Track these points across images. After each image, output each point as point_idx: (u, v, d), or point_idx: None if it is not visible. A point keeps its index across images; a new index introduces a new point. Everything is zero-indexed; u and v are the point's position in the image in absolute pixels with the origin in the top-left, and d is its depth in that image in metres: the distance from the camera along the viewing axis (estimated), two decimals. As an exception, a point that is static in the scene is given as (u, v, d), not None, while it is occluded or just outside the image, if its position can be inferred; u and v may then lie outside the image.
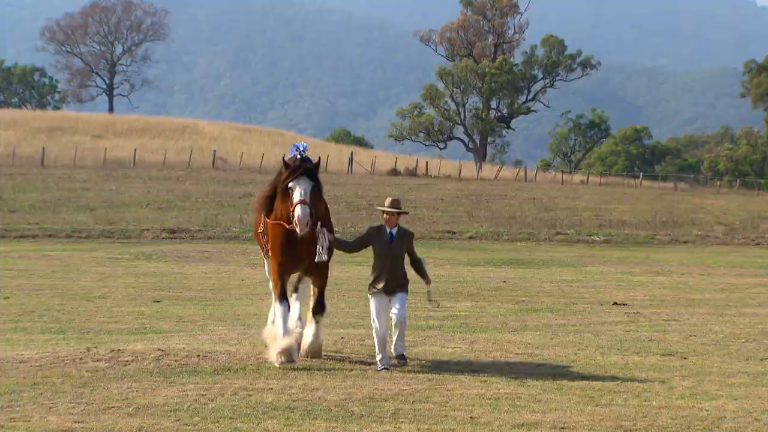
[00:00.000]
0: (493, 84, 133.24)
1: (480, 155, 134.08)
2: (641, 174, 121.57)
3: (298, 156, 17.27)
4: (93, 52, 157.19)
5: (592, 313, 26.30)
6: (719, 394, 15.76)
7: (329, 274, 18.19)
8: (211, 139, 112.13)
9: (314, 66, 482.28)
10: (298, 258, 17.28)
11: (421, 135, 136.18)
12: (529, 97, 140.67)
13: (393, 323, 17.33)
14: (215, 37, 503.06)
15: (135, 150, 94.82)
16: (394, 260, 17.37)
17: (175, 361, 17.36)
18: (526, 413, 14.05)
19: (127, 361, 17.23)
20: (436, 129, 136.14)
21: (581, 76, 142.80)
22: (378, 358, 17.25)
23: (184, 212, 65.93)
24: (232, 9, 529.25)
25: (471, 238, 60.24)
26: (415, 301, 23.11)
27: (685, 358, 19.01)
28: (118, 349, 18.11)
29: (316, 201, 17.01)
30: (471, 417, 13.86)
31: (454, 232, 62.24)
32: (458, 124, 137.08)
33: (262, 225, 18.00)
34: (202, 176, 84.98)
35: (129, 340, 19.82)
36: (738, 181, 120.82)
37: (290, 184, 16.87)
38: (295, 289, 18.51)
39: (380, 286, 17.26)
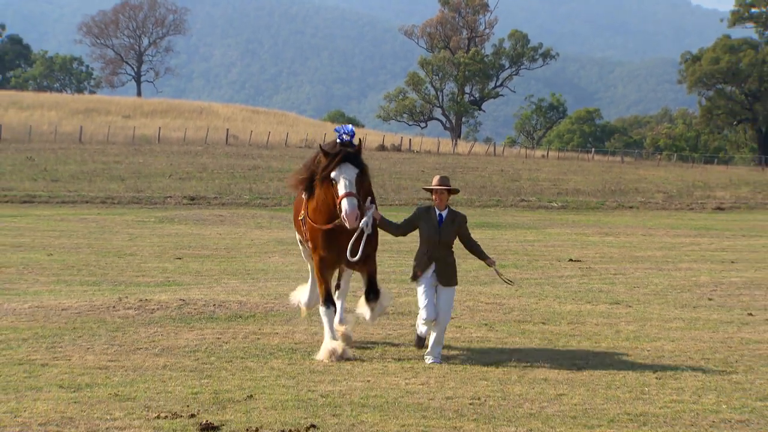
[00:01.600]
0: (466, 72, 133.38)
1: (455, 133, 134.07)
2: (593, 149, 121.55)
3: (338, 140, 14.02)
4: (123, 44, 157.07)
5: (551, 269, 26.36)
6: (659, 336, 15.83)
7: (377, 260, 14.64)
8: (225, 119, 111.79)
9: (313, 56, 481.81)
10: (341, 252, 13.82)
11: (405, 116, 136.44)
12: (498, 84, 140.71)
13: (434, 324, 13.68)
14: (228, 32, 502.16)
15: (159, 129, 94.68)
16: (442, 246, 13.80)
17: (194, 309, 17.38)
18: (494, 354, 14.12)
19: (153, 309, 17.25)
20: (417, 111, 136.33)
21: (542, 66, 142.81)
22: (435, 350, 13.70)
23: (201, 182, 65.82)
24: (243, 7, 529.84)
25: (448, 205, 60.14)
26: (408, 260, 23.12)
27: (629, 306, 19.07)
28: (146, 299, 18.12)
29: (360, 187, 13.65)
30: (447, 357, 13.93)
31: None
32: (437, 106, 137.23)
33: (303, 212, 14.41)
34: (217, 151, 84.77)
35: (155, 291, 19.83)
36: (675, 155, 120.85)
37: (333, 174, 13.48)
38: (337, 287, 15.32)
39: (430, 272, 13.72)
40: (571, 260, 28.49)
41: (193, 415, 10.28)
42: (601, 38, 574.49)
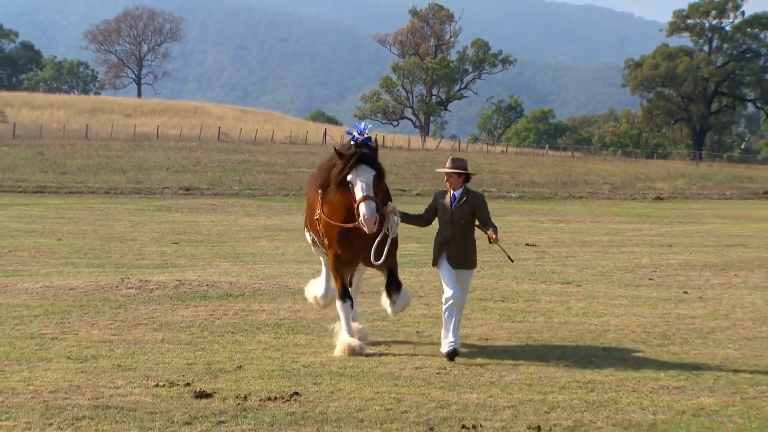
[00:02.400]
0: (434, 76, 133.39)
1: (424, 131, 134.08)
2: (547, 145, 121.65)
3: (352, 142, 12.16)
4: (125, 50, 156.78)
5: (510, 252, 26.41)
6: (605, 312, 15.90)
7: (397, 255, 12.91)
8: (217, 118, 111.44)
9: (296, 62, 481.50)
10: (358, 251, 12.44)
11: (379, 115, 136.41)
12: (462, 86, 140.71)
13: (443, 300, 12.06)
14: (219, 39, 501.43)
15: (157, 126, 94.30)
16: (456, 227, 12.15)
17: (189, 289, 17.35)
18: (462, 329, 14.12)
19: (153, 288, 17.21)
20: (390, 111, 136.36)
21: (501, 70, 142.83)
22: (446, 340, 11.93)
23: (195, 174, 65.65)
24: (233, 17, 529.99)
25: (417, 194, 60.21)
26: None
27: (579, 286, 19.14)
28: (146, 280, 18.08)
29: (378, 189, 12.04)
30: (417, 331, 13.95)
31: (404, 190, 62.25)
32: (407, 107, 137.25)
33: (318, 211, 12.67)
34: (210, 147, 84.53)
35: (154, 273, 19.80)
36: (620, 150, 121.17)
37: (349, 177, 11.86)
38: (348, 284, 13.39)
39: (443, 255, 12.17)
40: (527, 245, 28.55)
41: (188, 384, 10.29)
42: (554, 46, 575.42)
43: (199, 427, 8.59)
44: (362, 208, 11.73)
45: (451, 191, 12.32)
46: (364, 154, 11.96)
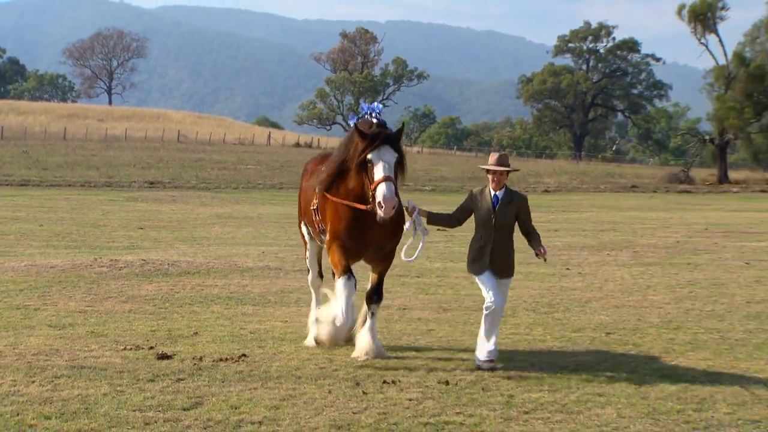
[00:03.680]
0: (361, 88, 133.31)
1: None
2: (455, 147, 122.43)
3: (374, 120, 9.69)
4: (98, 65, 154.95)
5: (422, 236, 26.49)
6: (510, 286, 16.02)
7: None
8: (177, 123, 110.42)
9: (245, 75, 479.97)
10: (366, 243, 9.79)
11: (315, 121, 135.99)
12: (385, 97, 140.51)
13: (484, 307, 9.58)
14: (179, 56, 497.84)
15: (126, 130, 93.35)
16: (499, 230, 9.60)
17: (153, 267, 17.17)
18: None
19: (121, 267, 17.00)
20: (324, 117, 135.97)
21: (417, 84, 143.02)
22: (484, 348, 9.51)
23: (158, 170, 64.97)
24: (190, 38, 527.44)
25: (346, 187, 60.20)
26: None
27: (481, 264, 19.28)
28: (115, 259, 17.87)
29: (398, 175, 9.62)
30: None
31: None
32: (339, 114, 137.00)
33: (316, 201, 10.20)
34: (171, 147, 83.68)
35: (122, 254, 19.58)
36: (515, 151, 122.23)
37: (370, 156, 9.31)
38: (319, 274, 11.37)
39: (486, 262, 9.62)
40: (438, 229, 28.65)
41: (152, 347, 10.21)
42: (461, 64, 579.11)
43: (161, 384, 8.52)
44: (382, 189, 9.11)
45: (493, 191, 9.65)
46: (389, 134, 9.47)
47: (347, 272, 9.71)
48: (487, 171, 9.66)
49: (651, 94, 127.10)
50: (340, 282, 9.68)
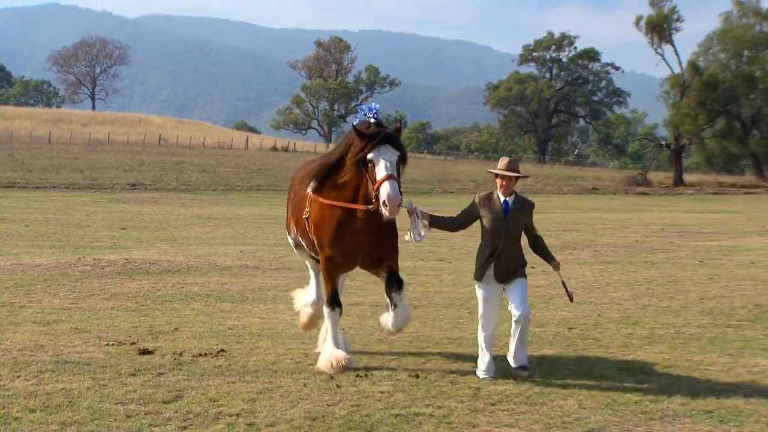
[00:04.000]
0: (335, 94, 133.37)
1: (327, 139, 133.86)
2: (426, 151, 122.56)
3: (372, 120, 8.89)
4: (81, 71, 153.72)
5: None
6: (470, 284, 15.91)
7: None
8: (158, 127, 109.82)
9: (223, 82, 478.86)
10: (359, 251, 9.02)
11: (291, 126, 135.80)
12: (358, 103, 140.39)
13: (513, 321, 8.93)
14: (160, 63, 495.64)
15: (109, 134, 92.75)
16: (509, 237, 8.84)
17: (135, 266, 17.07)
18: (353, 297, 14.12)
19: (104, 266, 16.89)
20: (300, 122, 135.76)
21: (389, 90, 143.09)
22: (482, 362, 8.97)
23: (140, 173, 64.58)
24: (171, 46, 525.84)
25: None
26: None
27: (450, 262, 19.32)
28: (98, 258, 17.75)
29: (400, 173, 8.81)
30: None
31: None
32: (314, 119, 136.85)
33: (307, 209, 9.32)
34: (152, 150, 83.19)
35: (105, 253, 19.44)
36: (482, 155, 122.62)
37: (370, 156, 8.56)
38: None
39: (491, 271, 8.85)
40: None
41: (133, 343, 10.15)
42: (430, 72, 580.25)
43: (142, 378, 8.47)
44: (386, 188, 8.36)
45: (503, 197, 8.90)
46: (388, 133, 8.73)
47: (333, 302, 9.21)
48: (496, 175, 8.96)
49: (610, 101, 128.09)
50: (326, 310, 9.33)
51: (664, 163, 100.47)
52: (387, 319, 9.14)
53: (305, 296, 10.52)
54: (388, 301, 9.15)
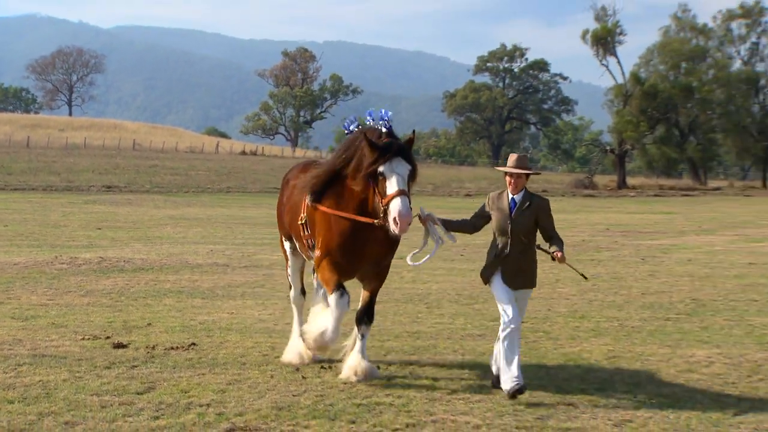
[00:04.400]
0: (301, 102, 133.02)
1: (294, 143, 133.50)
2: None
3: (384, 129, 8.02)
4: (58, 79, 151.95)
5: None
6: (428, 280, 16.07)
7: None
8: (132, 132, 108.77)
9: (196, 90, 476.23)
10: (361, 258, 8.24)
11: (259, 131, 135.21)
12: (323, 110, 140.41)
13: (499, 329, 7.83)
14: (134, 72, 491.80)
15: (85, 138, 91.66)
16: (514, 237, 7.84)
17: (110, 264, 16.90)
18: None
19: (80, 264, 16.70)
20: (268, 128, 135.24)
21: (352, 98, 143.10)
22: (507, 376, 7.65)
23: (115, 176, 63.92)
24: (144, 55, 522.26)
25: (288, 191, 59.90)
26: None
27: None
28: (75, 257, 17.55)
29: (411, 187, 7.92)
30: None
31: (279, 189, 61.88)
32: (281, 125, 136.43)
33: (303, 215, 8.52)
34: (126, 154, 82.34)
35: (81, 252, 19.22)
36: (440, 159, 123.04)
37: (382, 169, 7.68)
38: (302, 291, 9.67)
39: (498, 272, 7.90)
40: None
41: (108, 337, 10.05)
42: (392, 81, 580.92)
43: (116, 371, 8.39)
44: (396, 204, 7.52)
45: (510, 195, 7.99)
46: (401, 146, 7.85)
47: (340, 288, 8.12)
48: (505, 173, 8.03)
49: (559, 109, 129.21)
50: (333, 298, 8.10)
51: (609, 167, 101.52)
52: (351, 358, 8.32)
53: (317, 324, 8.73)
54: (356, 330, 8.43)
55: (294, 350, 9.01)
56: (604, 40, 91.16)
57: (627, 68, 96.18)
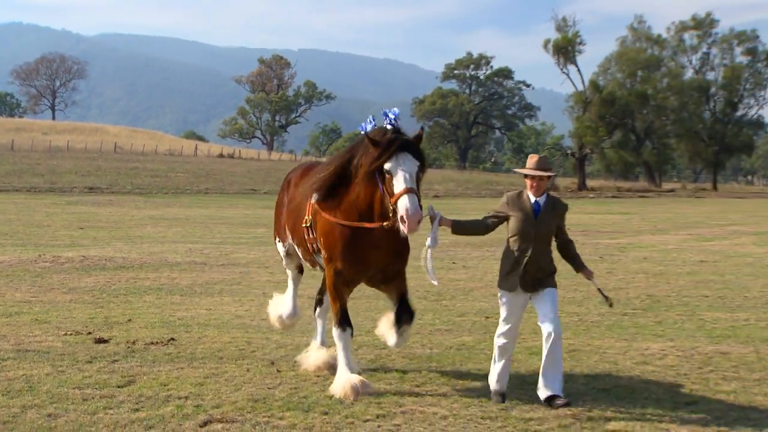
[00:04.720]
0: (276, 107, 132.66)
1: (270, 147, 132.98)
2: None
3: (389, 125, 7.21)
4: (42, 84, 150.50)
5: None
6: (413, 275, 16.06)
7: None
8: (113, 136, 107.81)
9: (175, 95, 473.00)
10: (371, 266, 7.56)
11: (236, 135, 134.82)
12: (297, 115, 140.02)
13: (543, 339, 7.13)
14: (115, 77, 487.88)
15: (68, 142, 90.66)
16: (539, 242, 7.16)
17: (92, 262, 16.74)
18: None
19: (63, 262, 16.53)
20: (245, 132, 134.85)
21: (325, 103, 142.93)
22: (494, 372, 7.44)
23: (97, 177, 63.30)
24: (126, 62, 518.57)
25: (265, 193, 59.70)
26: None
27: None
28: (58, 255, 17.36)
29: (420, 185, 7.13)
30: (263, 293, 13.76)
31: (255, 190, 61.64)
32: (257, 129, 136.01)
33: (308, 217, 7.77)
34: (108, 157, 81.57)
35: (64, 250, 19.02)
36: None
37: (388, 166, 6.94)
38: (320, 302, 9.10)
39: (517, 278, 7.23)
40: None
41: (90, 333, 9.96)
42: (363, 87, 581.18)
43: (98, 365, 8.32)
44: (405, 202, 6.79)
45: (533, 197, 7.25)
46: (406, 140, 7.08)
47: (344, 322, 7.55)
48: (525, 175, 7.29)
49: (523, 114, 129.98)
50: (336, 334, 7.57)
51: (570, 170, 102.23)
52: (390, 338, 7.71)
53: (280, 306, 9.12)
54: (396, 327, 7.66)
55: (340, 380, 7.53)
56: (565, 50, 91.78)
57: (586, 76, 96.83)
